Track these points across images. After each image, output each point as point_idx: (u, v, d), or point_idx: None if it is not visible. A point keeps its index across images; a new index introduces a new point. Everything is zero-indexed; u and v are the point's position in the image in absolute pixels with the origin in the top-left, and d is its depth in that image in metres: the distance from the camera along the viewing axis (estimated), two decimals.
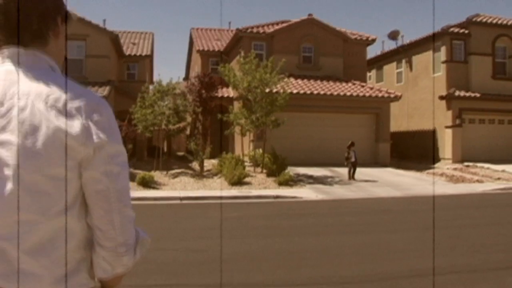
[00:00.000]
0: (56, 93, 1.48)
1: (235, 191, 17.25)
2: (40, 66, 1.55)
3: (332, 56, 27.90)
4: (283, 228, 10.90)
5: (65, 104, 1.46)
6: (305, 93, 24.94)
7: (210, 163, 23.59)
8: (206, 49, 31.86)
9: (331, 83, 26.68)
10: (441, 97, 27.46)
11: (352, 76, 27.87)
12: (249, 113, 20.43)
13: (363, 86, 27.05)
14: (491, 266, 7.52)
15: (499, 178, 21.77)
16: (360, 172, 21.47)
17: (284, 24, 27.73)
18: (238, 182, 18.55)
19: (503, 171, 23.52)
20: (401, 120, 31.12)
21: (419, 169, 25.22)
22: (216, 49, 31.78)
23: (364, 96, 25.97)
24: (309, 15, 27.73)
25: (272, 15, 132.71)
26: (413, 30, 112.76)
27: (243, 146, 22.11)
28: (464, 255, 8.26)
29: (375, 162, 25.88)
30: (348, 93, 25.68)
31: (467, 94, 27.06)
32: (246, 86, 20.30)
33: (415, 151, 29.64)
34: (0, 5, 1.52)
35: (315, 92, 25.24)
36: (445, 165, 26.25)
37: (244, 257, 7.87)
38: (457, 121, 27.10)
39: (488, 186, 19.64)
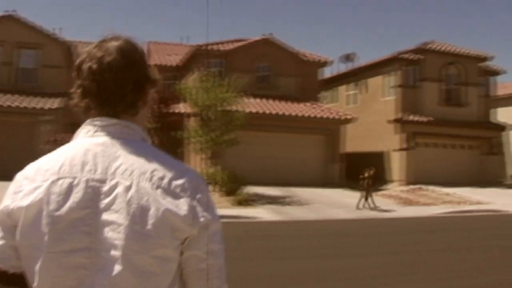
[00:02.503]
0: (159, 170, 1.45)
1: None
2: (133, 138, 1.52)
3: (288, 76, 28.24)
4: (245, 251, 10.82)
5: (170, 183, 1.44)
6: (263, 112, 25.13)
7: None
8: (162, 63, 31.61)
9: (287, 103, 26.97)
10: (392, 121, 28.17)
11: (307, 96, 28.23)
12: (207, 131, 20.41)
13: (318, 107, 27.46)
14: None
15: (449, 201, 22.43)
16: (313, 192, 21.71)
17: (242, 43, 27.92)
18: None
19: (452, 194, 24.25)
20: (355, 141, 31.61)
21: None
22: (174, 64, 31.61)
23: (315, 117, 26.32)
24: (266, 35, 28.01)
25: (229, 33, 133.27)
26: (367, 53, 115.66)
27: (199, 164, 21.99)
28: (426, 282, 8.46)
29: (328, 182, 26.20)
30: (305, 114, 26.01)
31: (417, 119, 27.87)
32: (206, 104, 20.28)
33: None
34: (94, 73, 1.49)
35: (272, 112, 25.45)
36: (395, 187, 26.82)
37: None
38: (408, 144, 27.84)
39: (438, 209, 20.20)
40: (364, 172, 20.75)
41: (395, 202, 22.29)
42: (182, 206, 1.42)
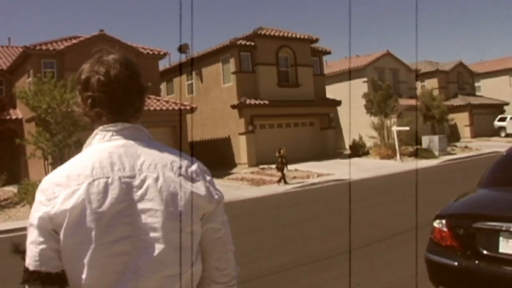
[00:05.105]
0: (176, 161, 1.74)
1: None
2: (143, 138, 1.78)
3: None
4: None
5: (187, 170, 1.74)
6: None
7: (4, 192, 22.09)
8: None
9: None
10: (233, 106, 29.07)
11: (148, 90, 27.96)
12: (51, 136, 19.51)
13: (158, 100, 27.39)
14: (327, 255, 8.42)
15: (294, 177, 23.75)
16: None
17: (75, 41, 26.85)
18: None
19: (296, 170, 25.69)
20: (195, 130, 32.03)
21: (219, 176, 26.20)
22: None
23: (161, 109, 26.31)
24: (101, 31, 27.18)
25: (57, 31, 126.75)
26: (201, 43, 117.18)
27: (46, 169, 20.95)
28: (298, 250, 9.09)
29: None
30: (148, 108, 25.78)
31: (257, 102, 29.02)
32: (45, 108, 19.30)
33: (212, 159, 30.69)
34: (104, 85, 1.71)
35: None
36: (242, 170, 27.72)
37: None
38: (250, 128, 28.90)
39: (287, 186, 21.31)
40: (279, 151, 21.99)
41: (246, 183, 23.06)
42: (200, 187, 1.73)
